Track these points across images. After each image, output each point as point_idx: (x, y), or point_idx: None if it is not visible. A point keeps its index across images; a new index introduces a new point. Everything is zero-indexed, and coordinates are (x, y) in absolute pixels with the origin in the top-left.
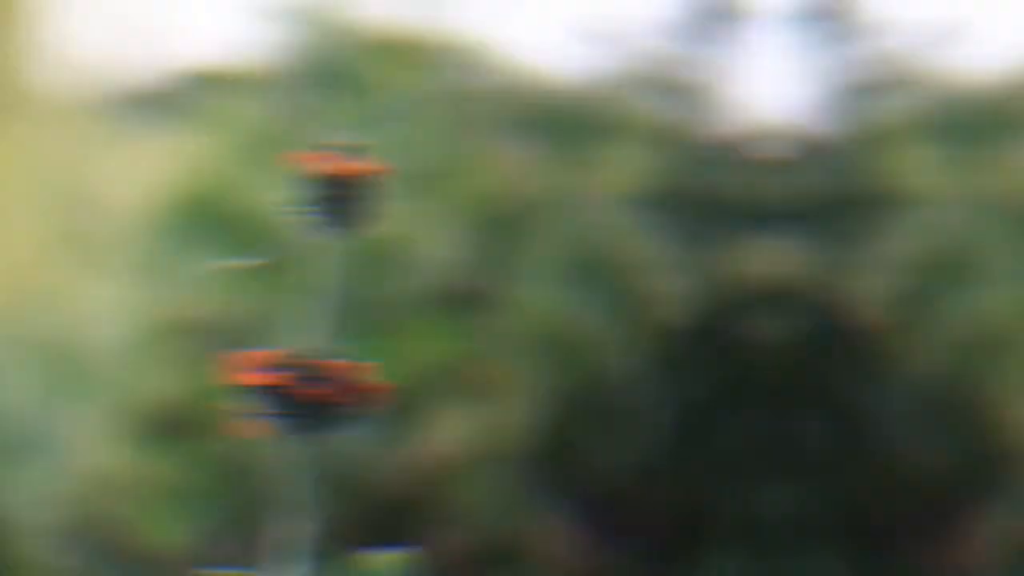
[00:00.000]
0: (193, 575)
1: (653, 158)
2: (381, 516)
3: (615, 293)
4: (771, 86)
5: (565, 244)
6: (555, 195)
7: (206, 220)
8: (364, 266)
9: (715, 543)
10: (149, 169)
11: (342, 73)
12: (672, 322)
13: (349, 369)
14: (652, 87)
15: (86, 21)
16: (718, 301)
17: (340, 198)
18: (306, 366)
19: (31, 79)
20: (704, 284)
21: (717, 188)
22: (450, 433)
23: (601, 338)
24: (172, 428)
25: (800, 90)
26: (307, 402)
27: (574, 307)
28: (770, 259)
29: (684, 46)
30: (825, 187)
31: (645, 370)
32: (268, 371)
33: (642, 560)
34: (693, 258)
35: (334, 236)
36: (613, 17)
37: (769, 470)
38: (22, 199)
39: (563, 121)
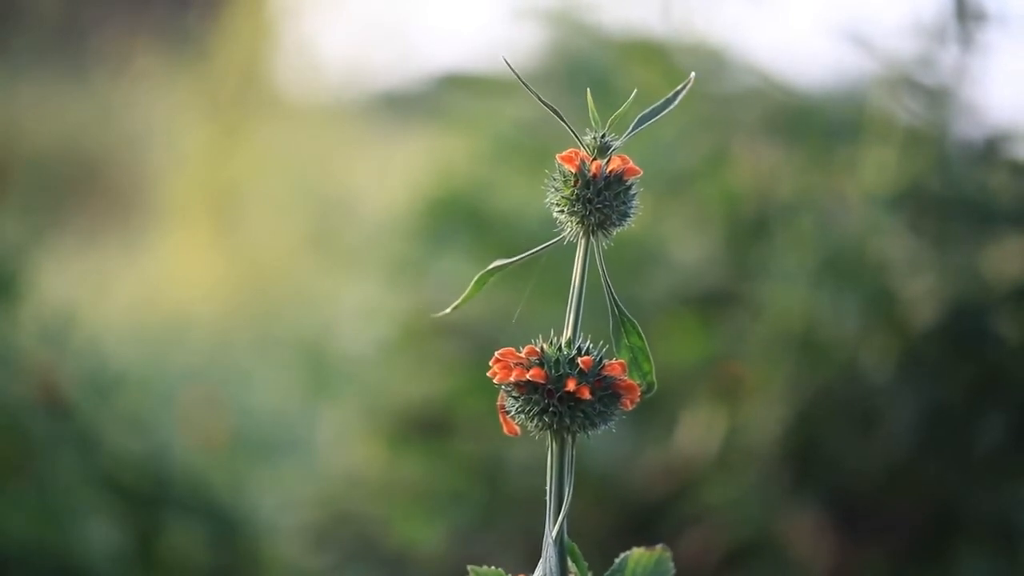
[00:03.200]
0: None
1: (903, 159)
2: (634, 515)
3: (865, 293)
4: (1016, 88)
5: (815, 245)
6: (805, 196)
7: (458, 221)
8: (617, 266)
9: (963, 542)
10: (400, 171)
11: (592, 75)
12: (921, 322)
13: (605, 367)
14: (901, 88)
15: (336, 24)
16: (968, 301)
17: (593, 198)
18: (561, 363)
19: (281, 81)
20: (954, 284)
21: (966, 188)
22: (701, 433)
23: (850, 338)
24: (423, 428)
25: None
26: (562, 398)
27: (824, 308)
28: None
29: (932, 48)
30: None
31: (894, 369)
32: (523, 368)
33: (890, 558)
34: (943, 258)
35: (588, 236)
36: (862, 19)
37: (1019, 470)
38: (274, 200)
39: (813, 122)
